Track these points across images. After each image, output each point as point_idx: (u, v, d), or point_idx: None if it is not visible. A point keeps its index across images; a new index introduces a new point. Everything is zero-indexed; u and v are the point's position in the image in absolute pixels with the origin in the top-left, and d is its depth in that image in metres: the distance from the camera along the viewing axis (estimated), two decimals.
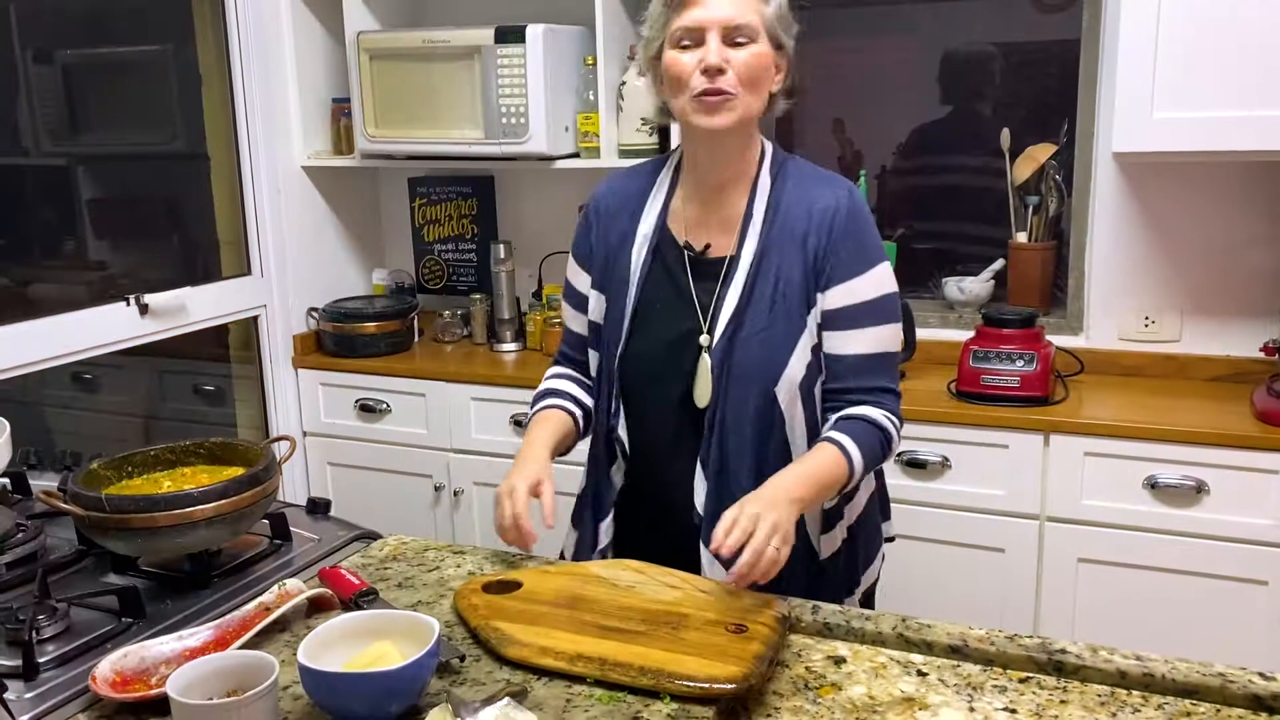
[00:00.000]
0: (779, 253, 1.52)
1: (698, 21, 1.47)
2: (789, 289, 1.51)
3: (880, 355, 1.54)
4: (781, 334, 1.50)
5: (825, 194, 1.53)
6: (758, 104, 1.51)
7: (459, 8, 3.13)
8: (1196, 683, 1.16)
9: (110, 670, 1.18)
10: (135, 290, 2.63)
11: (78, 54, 2.85)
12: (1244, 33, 2.15)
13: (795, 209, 1.53)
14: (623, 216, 1.62)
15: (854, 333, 1.52)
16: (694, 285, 1.55)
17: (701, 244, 1.56)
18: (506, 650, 1.22)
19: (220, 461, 1.59)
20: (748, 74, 1.47)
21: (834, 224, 1.51)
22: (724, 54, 1.46)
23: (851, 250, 1.51)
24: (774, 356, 1.50)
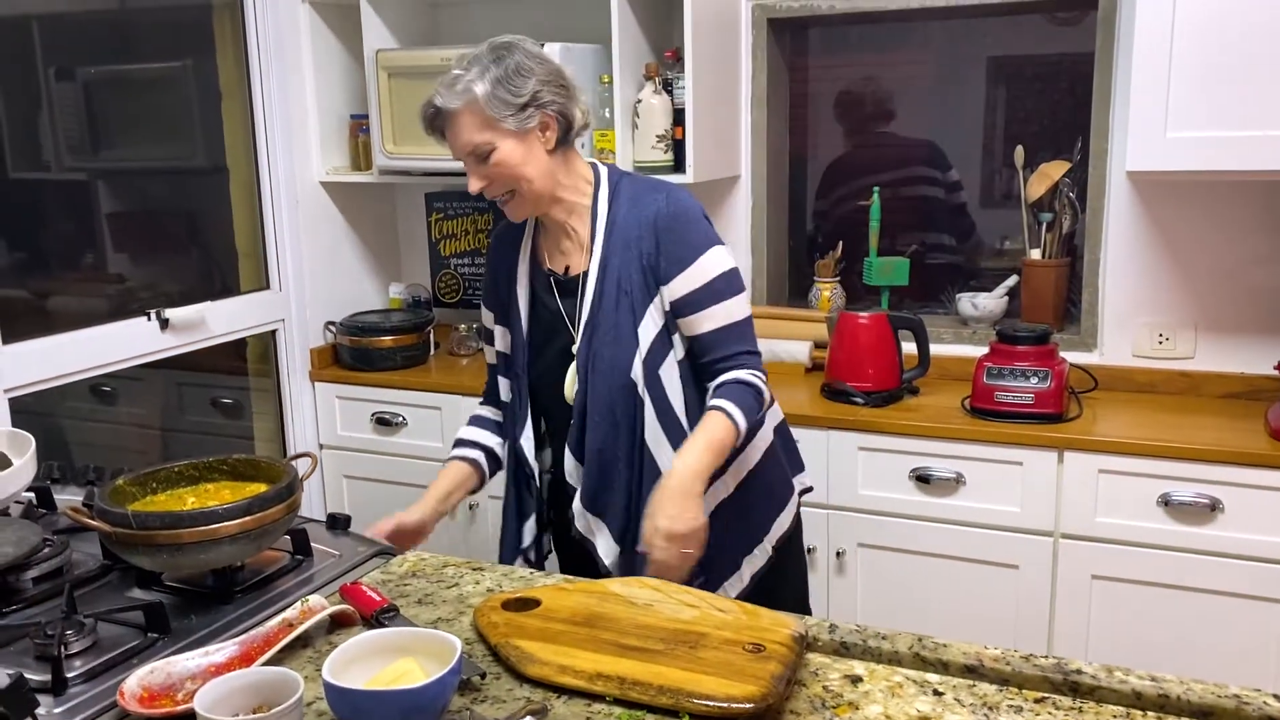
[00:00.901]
0: (619, 259, 1.78)
1: (454, 156, 1.78)
2: (630, 287, 1.77)
3: (730, 326, 1.77)
4: (627, 329, 1.77)
5: (647, 201, 1.79)
6: (538, 179, 1.76)
7: (476, 26, 3.16)
8: (1211, 704, 1.17)
9: (138, 686, 1.20)
10: (155, 304, 2.67)
11: (99, 70, 2.88)
12: (1257, 52, 2.16)
13: (628, 220, 1.79)
14: (511, 256, 1.91)
15: (701, 314, 1.76)
16: (562, 303, 1.84)
17: (561, 267, 1.86)
18: (526, 668, 1.24)
19: (243, 478, 1.61)
20: (506, 177, 1.74)
21: (656, 225, 1.76)
22: (480, 173, 1.74)
23: (677, 244, 1.76)
24: (625, 347, 1.76)
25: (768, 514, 1.91)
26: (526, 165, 1.74)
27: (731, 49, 2.89)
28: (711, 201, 3.03)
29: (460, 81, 1.71)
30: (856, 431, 2.46)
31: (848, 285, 3.01)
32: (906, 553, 2.46)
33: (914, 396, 2.60)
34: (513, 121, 1.72)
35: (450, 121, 1.72)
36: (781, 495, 1.94)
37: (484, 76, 1.71)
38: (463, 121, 1.72)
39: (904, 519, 2.45)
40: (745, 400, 1.74)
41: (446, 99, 1.72)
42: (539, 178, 1.76)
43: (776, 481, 1.93)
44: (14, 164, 2.67)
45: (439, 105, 1.73)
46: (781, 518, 1.92)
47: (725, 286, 1.77)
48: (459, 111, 1.71)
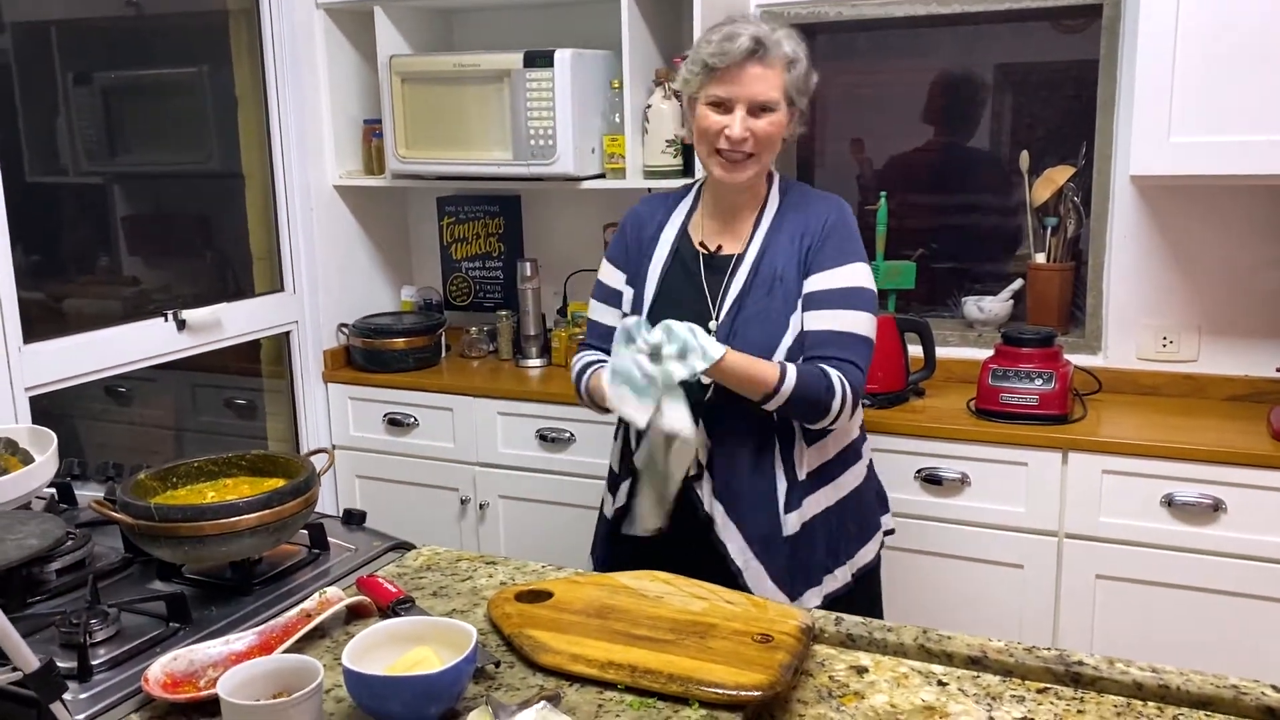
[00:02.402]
0: (779, 251, 1.83)
1: (729, 95, 1.78)
2: (786, 278, 1.81)
3: (846, 333, 1.80)
4: (778, 314, 1.80)
5: (820, 207, 1.87)
6: (771, 157, 1.85)
7: (489, 32, 3.20)
8: (1210, 694, 1.20)
9: (161, 672, 1.23)
10: (170, 306, 2.70)
11: (117, 76, 2.92)
12: (1259, 58, 2.18)
13: (795, 218, 1.86)
14: (650, 226, 1.95)
15: (825, 312, 1.80)
16: (706, 278, 1.87)
17: (714, 246, 1.89)
18: (540, 657, 1.27)
19: (261, 473, 1.64)
20: (766, 140, 1.80)
21: (823, 227, 1.83)
22: (747, 124, 1.77)
23: (833, 247, 1.82)
24: (771, 332, 1.80)
25: (857, 540, 1.94)
26: (777, 141, 1.83)
27: None
28: None
29: (788, 40, 1.78)
30: None
31: None
32: (913, 553, 2.48)
33: (920, 398, 2.63)
34: (798, 100, 1.82)
35: (759, 62, 1.75)
36: (870, 526, 1.98)
37: (803, 52, 1.80)
38: (770, 71, 1.76)
39: (910, 519, 2.47)
40: (812, 382, 1.75)
41: (772, 44, 1.76)
42: (771, 156, 1.85)
43: (868, 512, 1.98)
44: (32, 168, 2.71)
45: (761, 37, 1.75)
46: (867, 548, 1.96)
47: (856, 299, 1.81)
48: (778, 61, 1.77)
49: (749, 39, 1.75)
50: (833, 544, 1.89)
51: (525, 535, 2.89)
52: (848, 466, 1.91)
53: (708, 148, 1.82)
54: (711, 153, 1.82)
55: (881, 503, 2.03)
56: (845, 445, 1.91)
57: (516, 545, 2.88)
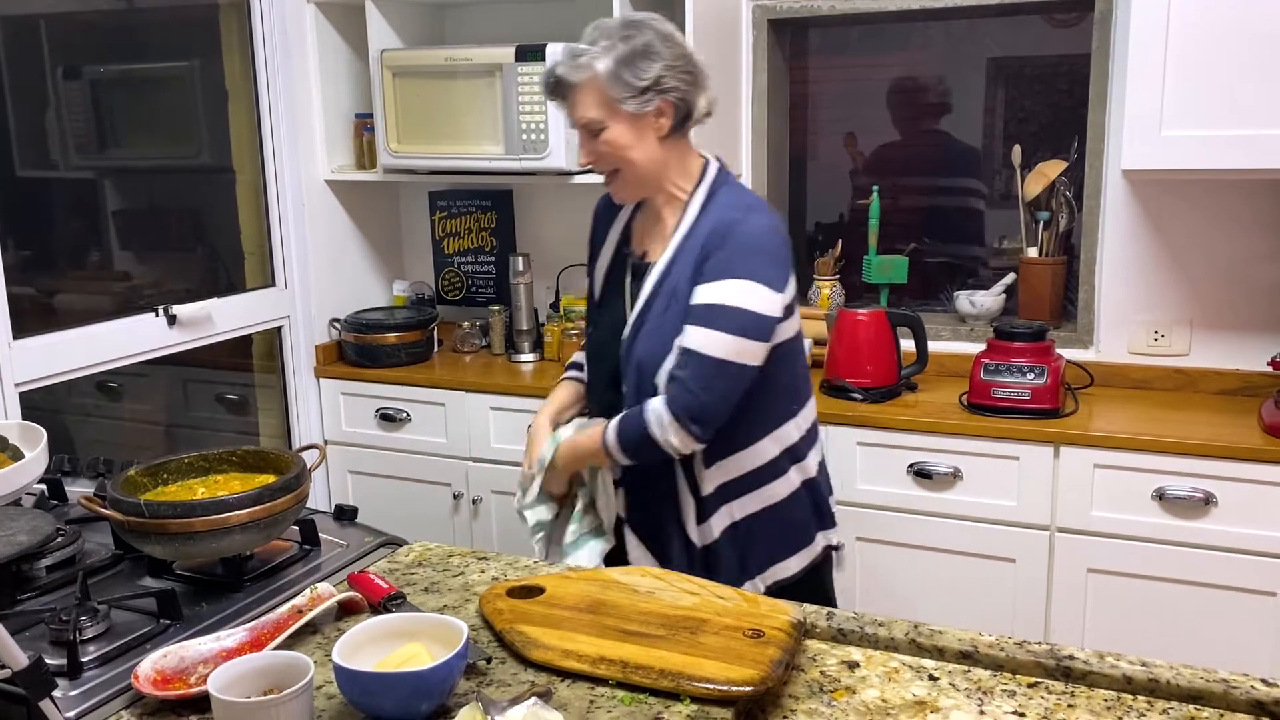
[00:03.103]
0: (684, 262, 1.75)
1: (571, 121, 1.79)
2: (680, 294, 1.74)
3: (691, 352, 1.70)
4: (670, 330, 1.73)
5: (727, 214, 1.74)
6: (645, 163, 1.76)
7: (480, 27, 3.19)
8: (1200, 688, 1.20)
9: (151, 669, 1.23)
10: (160, 301, 2.69)
11: (107, 70, 2.91)
12: (1250, 52, 2.19)
13: (704, 226, 1.75)
14: (605, 223, 1.96)
15: (686, 328, 1.71)
16: (630, 286, 1.86)
17: (641, 252, 1.87)
18: (531, 653, 1.27)
19: (252, 469, 1.64)
20: (609, 156, 1.76)
21: (718, 237, 1.72)
22: (588, 146, 1.77)
23: (719, 259, 1.71)
24: (657, 349, 1.74)
25: (771, 554, 1.85)
26: (634, 149, 1.75)
27: (732, 49, 2.92)
28: None
29: (585, 55, 1.71)
30: (855, 427, 2.49)
31: (847, 283, 3.04)
32: (905, 546, 2.49)
33: (912, 393, 2.63)
34: (631, 104, 1.71)
35: (569, 92, 1.75)
36: (794, 540, 1.88)
37: (609, 54, 1.70)
38: (581, 95, 1.73)
39: (902, 513, 2.48)
40: (627, 433, 1.74)
41: (569, 71, 1.73)
42: (645, 163, 1.76)
43: (793, 527, 1.88)
44: (22, 162, 2.70)
45: (560, 75, 1.74)
46: (787, 563, 1.86)
47: (720, 317, 1.68)
48: (579, 85, 1.73)
49: (551, 76, 1.76)
50: (744, 555, 1.83)
51: (518, 530, 2.88)
52: (773, 478, 1.83)
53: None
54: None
55: (820, 518, 1.92)
56: (762, 464, 1.82)
57: (509, 540, 2.88)
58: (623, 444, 1.75)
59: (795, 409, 1.85)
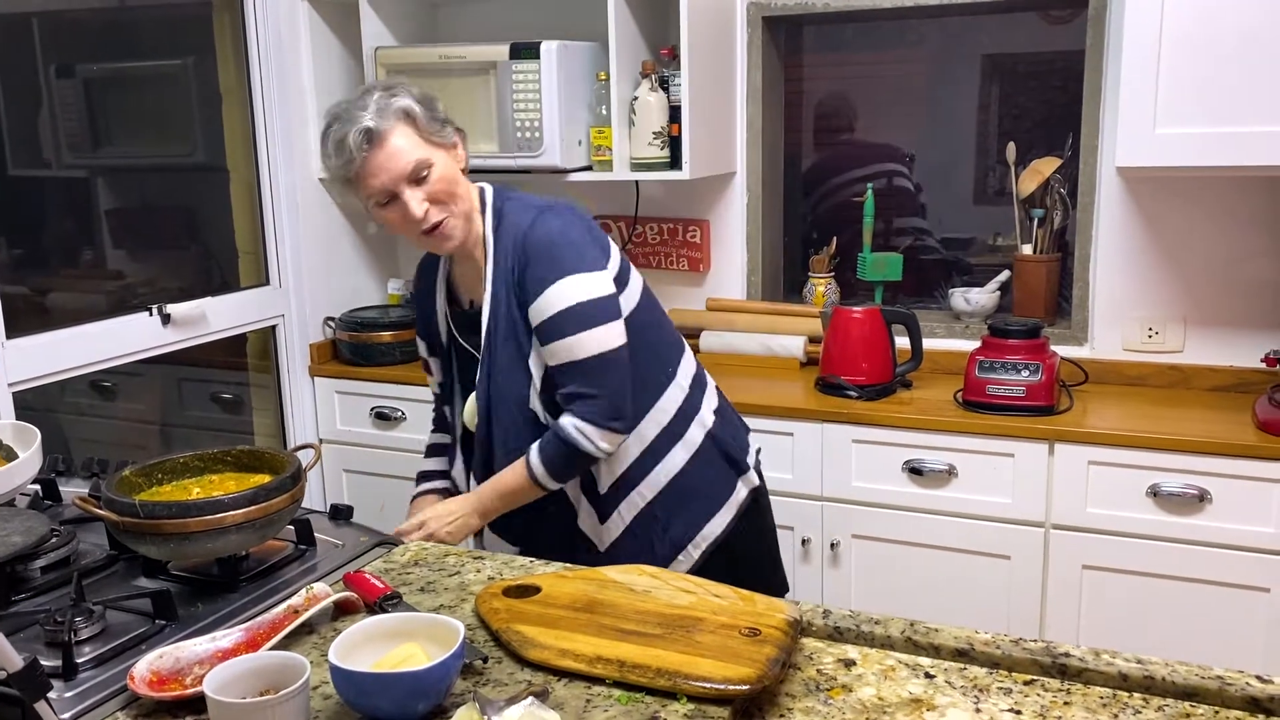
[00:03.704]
0: (505, 294, 1.74)
1: (383, 187, 1.66)
2: (516, 318, 1.73)
3: (566, 365, 1.70)
4: (519, 358, 1.74)
5: (516, 224, 1.72)
6: (465, 198, 1.73)
7: (474, 24, 3.18)
8: (1195, 685, 1.20)
9: (147, 670, 1.22)
10: (154, 300, 2.69)
11: (100, 68, 2.90)
12: (1244, 50, 2.19)
13: (504, 246, 1.73)
14: (428, 291, 1.90)
15: (550, 346, 1.71)
16: (465, 338, 1.83)
17: (468, 301, 1.84)
18: (528, 652, 1.27)
19: (247, 469, 1.63)
20: (444, 195, 1.68)
21: (517, 254, 1.71)
22: (418, 196, 1.66)
23: (532, 274, 1.70)
24: (519, 380, 1.75)
25: (695, 519, 1.86)
26: (458, 183, 1.71)
27: (727, 46, 2.92)
28: (707, 198, 3.06)
29: (387, 101, 1.64)
30: (850, 425, 2.49)
31: (842, 281, 3.04)
32: (900, 544, 2.49)
33: (907, 390, 2.63)
34: (442, 135, 1.69)
35: (384, 143, 1.63)
36: (714, 496, 1.88)
37: (406, 95, 1.66)
38: (399, 142, 1.64)
39: (897, 510, 2.48)
40: (555, 455, 1.72)
41: (379, 120, 1.63)
42: (465, 196, 1.73)
43: (706, 483, 1.87)
44: (14, 161, 2.69)
45: (372, 126, 1.62)
46: (713, 523, 1.87)
47: (566, 321, 1.68)
48: (393, 130, 1.63)
49: (358, 134, 1.62)
50: (667, 530, 1.84)
51: None
52: (671, 445, 1.83)
53: (414, 236, 1.72)
54: (419, 237, 1.72)
55: (733, 465, 1.90)
56: (655, 437, 1.82)
57: None
58: (551, 470, 1.74)
59: (672, 370, 1.84)
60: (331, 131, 1.66)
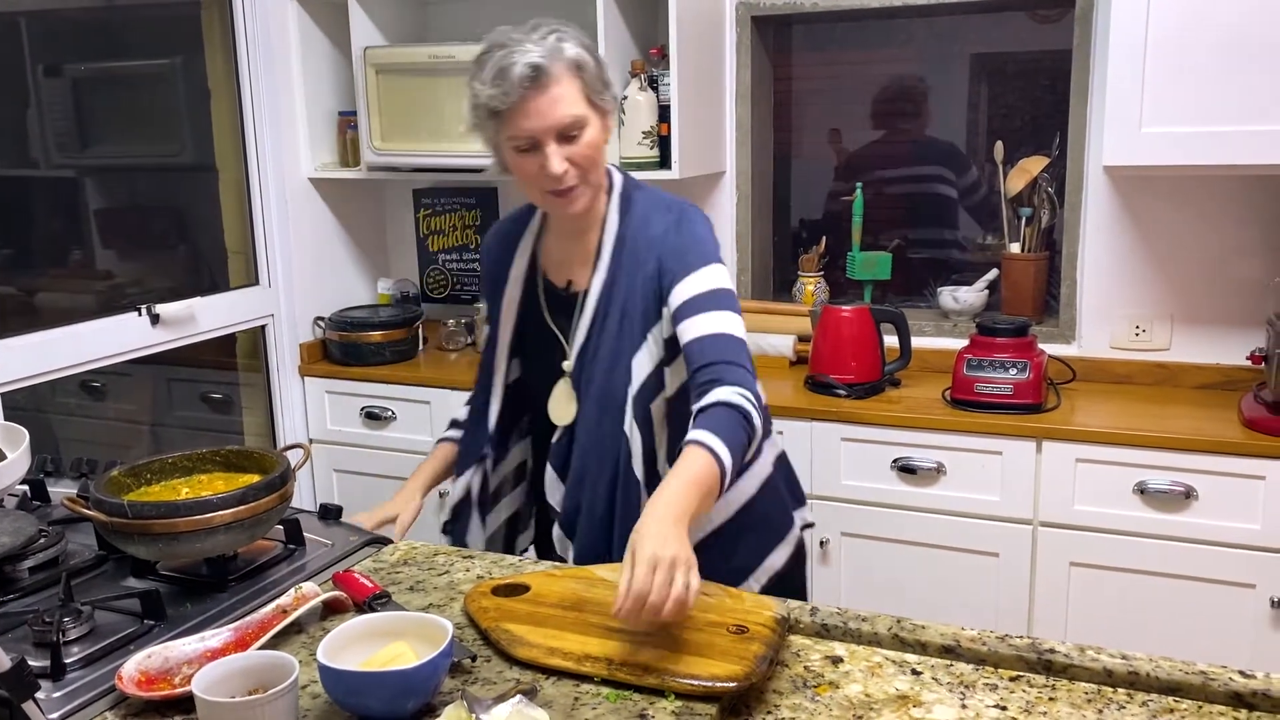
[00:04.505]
0: (625, 281, 1.63)
1: (530, 132, 1.52)
2: (631, 313, 1.62)
3: (725, 335, 1.56)
4: (626, 356, 1.62)
5: (658, 221, 1.63)
6: (600, 173, 1.63)
7: (464, 23, 3.18)
8: (1180, 680, 1.21)
9: (135, 670, 1.22)
10: (143, 300, 2.68)
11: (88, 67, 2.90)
12: (1230, 49, 2.20)
13: (638, 241, 1.64)
14: (503, 259, 1.76)
15: (697, 318, 1.57)
16: (553, 318, 1.71)
17: (564, 281, 1.71)
18: (516, 651, 1.27)
19: (236, 469, 1.63)
20: (589, 162, 1.56)
21: (664, 243, 1.61)
22: (561, 154, 1.53)
23: (681, 257, 1.60)
24: (621, 376, 1.63)
25: (760, 549, 1.75)
26: (602, 153, 1.59)
27: (716, 46, 2.93)
28: (697, 198, 3.06)
29: (560, 44, 1.50)
30: (839, 423, 2.50)
31: (831, 280, 3.05)
32: (889, 541, 2.50)
33: (895, 388, 2.64)
34: (603, 98, 1.55)
35: (548, 87, 1.48)
36: (778, 529, 1.78)
37: (579, 44, 1.52)
38: (562, 90, 1.50)
39: (886, 508, 2.49)
40: (733, 431, 1.45)
41: (550, 60, 1.48)
42: (602, 170, 1.62)
43: (774, 514, 1.78)
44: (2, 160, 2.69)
45: (542, 64, 1.48)
46: (776, 555, 1.76)
47: (718, 301, 1.59)
48: (561, 76, 1.49)
49: (525, 67, 1.48)
50: (732, 562, 1.70)
51: None
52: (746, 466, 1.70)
53: (537, 191, 1.59)
54: (541, 195, 1.59)
55: (795, 496, 1.84)
56: None
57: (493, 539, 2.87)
58: (730, 447, 1.43)
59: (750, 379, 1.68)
60: (493, 57, 1.50)
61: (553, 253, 1.72)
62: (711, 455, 1.41)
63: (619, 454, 1.64)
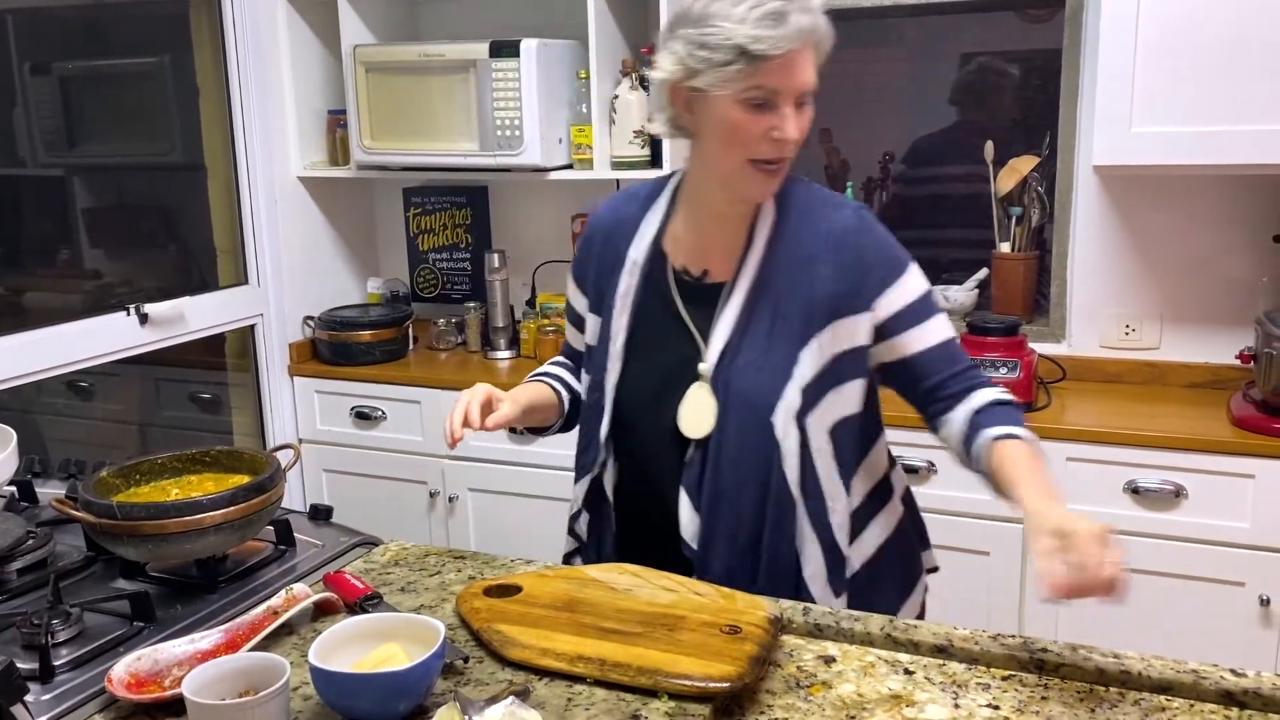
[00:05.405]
0: (782, 279, 1.45)
1: (777, 86, 1.35)
2: (790, 314, 1.44)
3: (949, 342, 1.48)
4: (781, 359, 1.44)
5: (829, 216, 1.46)
6: None
7: (454, 22, 3.17)
8: (1171, 679, 1.21)
9: (125, 672, 1.22)
10: (131, 299, 2.67)
11: (75, 66, 2.88)
12: (1220, 49, 2.21)
13: (802, 235, 1.46)
14: (618, 239, 1.56)
15: (924, 325, 1.46)
16: (689, 311, 1.50)
17: (699, 269, 1.51)
18: (509, 652, 1.27)
19: (226, 469, 1.62)
20: (803, 138, 1.41)
21: (847, 244, 1.44)
22: (799, 119, 1.39)
23: (879, 263, 1.45)
24: (771, 384, 1.44)
25: (895, 599, 1.59)
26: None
27: None
28: None
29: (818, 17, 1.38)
30: None
31: None
32: None
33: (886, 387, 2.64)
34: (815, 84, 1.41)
35: (805, 49, 1.36)
36: (911, 575, 1.63)
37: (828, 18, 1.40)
38: (809, 58, 1.38)
39: None
40: (1023, 421, 1.42)
41: (816, 21, 1.37)
42: None
43: (906, 558, 1.62)
44: None
45: (813, 26, 1.36)
46: (909, 603, 1.63)
47: (934, 305, 1.48)
48: (810, 46, 1.37)
49: (805, 17, 1.34)
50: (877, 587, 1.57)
51: (494, 528, 2.89)
52: (885, 499, 1.58)
53: (740, 156, 1.39)
54: (745, 163, 1.39)
55: (921, 538, 1.68)
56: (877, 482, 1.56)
57: (486, 538, 2.87)
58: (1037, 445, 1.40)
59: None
60: (771, 6, 1.33)
61: (683, 238, 1.53)
62: (1032, 446, 1.39)
63: (768, 471, 1.45)
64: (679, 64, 1.38)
